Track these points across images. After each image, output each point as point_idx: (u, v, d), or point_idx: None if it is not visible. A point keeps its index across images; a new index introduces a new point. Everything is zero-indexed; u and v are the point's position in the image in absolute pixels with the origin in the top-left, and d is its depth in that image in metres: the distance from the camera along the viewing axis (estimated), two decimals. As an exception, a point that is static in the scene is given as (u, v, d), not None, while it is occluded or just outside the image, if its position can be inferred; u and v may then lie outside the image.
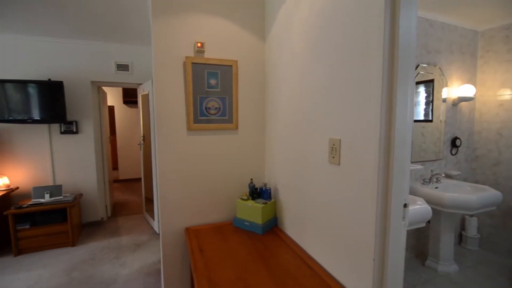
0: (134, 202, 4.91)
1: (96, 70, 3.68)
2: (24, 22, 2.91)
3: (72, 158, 3.66)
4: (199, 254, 1.44)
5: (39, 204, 3.07)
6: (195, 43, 1.71)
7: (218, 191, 1.87)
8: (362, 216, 0.99)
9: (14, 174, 3.43)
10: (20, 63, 3.37)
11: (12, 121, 3.20)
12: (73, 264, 2.80)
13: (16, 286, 2.43)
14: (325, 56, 1.19)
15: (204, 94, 1.75)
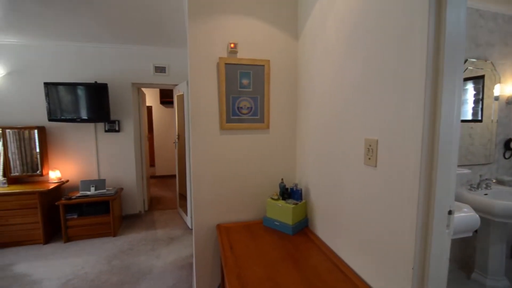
0: (169, 198, 5.14)
1: (136, 73, 3.92)
2: (74, 30, 3.19)
3: (114, 154, 3.94)
4: (229, 251, 1.46)
5: (85, 196, 3.35)
6: (228, 44, 1.74)
7: (248, 189, 1.89)
8: (401, 222, 0.93)
9: (65, 168, 3.78)
10: (70, 67, 3.70)
11: (63, 120, 3.53)
12: (113, 253, 3.02)
13: (65, 270, 2.68)
14: (361, 51, 1.14)
15: (236, 94, 1.78)
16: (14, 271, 2.67)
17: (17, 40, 3.50)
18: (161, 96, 6.50)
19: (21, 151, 3.52)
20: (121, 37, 3.47)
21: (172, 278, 2.52)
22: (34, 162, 3.56)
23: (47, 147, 3.70)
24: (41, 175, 3.57)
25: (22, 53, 3.57)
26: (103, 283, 2.45)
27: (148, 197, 4.59)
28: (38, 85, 3.56)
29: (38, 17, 2.78)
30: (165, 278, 2.53)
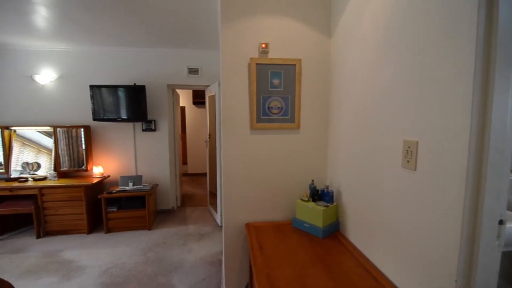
0: (200, 195, 5.31)
1: (171, 74, 4.10)
2: (115, 37, 3.43)
3: (150, 152, 4.16)
4: (258, 250, 1.47)
5: (124, 191, 3.59)
6: (260, 44, 1.75)
7: (278, 189, 1.88)
8: (443, 230, 0.87)
9: (106, 164, 4.08)
10: (112, 71, 3.98)
11: (106, 120, 3.81)
12: (148, 245, 3.19)
13: (105, 259, 2.89)
14: (400, 46, 1.08)
15: (267, 94, 1.78)
16: (62, 257, 2.93)
17: (66, 47, 3.85)
18: (193, 96, 6.73)
19: (69, 148, 3.86)
20: (158, 41, 3.65)
21: (203, 273, 2.60)
22: (80, 158, 3.88)
23: (92, 145, 4.01)
24: (86, 170, 3.89)
25: (71, 59, 3.91)
26: (139, 273, 2.60)
27: (180, 193, 4.78)
28: (84, 88, 3.87)
29: (85, 25, 3.03)
30: (195, 272, 2.62)
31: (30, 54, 3.82)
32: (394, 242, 1.14)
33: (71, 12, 2.68)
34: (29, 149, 3.84)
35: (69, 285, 2.43)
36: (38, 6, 2.55)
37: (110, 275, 2.58)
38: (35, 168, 3.79)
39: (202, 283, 2.45)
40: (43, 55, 3.85)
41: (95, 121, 3.81)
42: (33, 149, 3.85)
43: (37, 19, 2.87)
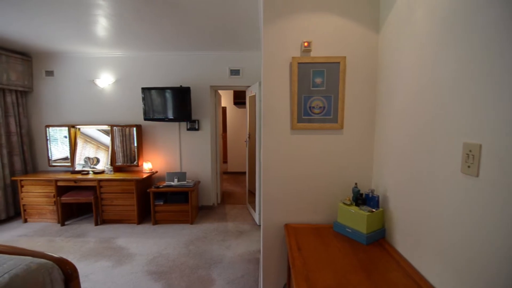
0: (239, 193, 5.42)
1: (214, 76, 4.25)
2: (163, 42, 3.66)
3: (194, 150, 4.37)
4: (297, 252, 1.45)
5: (170, 186, 3.82)
6: (302, 42, 1.72)
7: (318, 192, 1.83)
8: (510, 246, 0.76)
9: (155, 161, 4.38)
10: (160, 74, 4.26)
11: (155, 120, 4.09)
12: (190, 239, 3.35)
13: (152, 248, 3.11)
14: (461, 39, 0.97)
15: (308, 93, 1.74)
16: (116, 244, 3.23)
17: (122, 53, 4.22)
18: (234, 97, 6.90)
19: (123, 145, 4.23)
20: (201, 45, 3.82)
21: (241, 270, 2.65)
22: (132, 155, 4.24)
23: (142, 142, 4.35)
24: (137, 166, 4.23)
25: (125, 64, 4.28)
26: (181, 264, 2.75)
27: (220, 191, 4.93)
28: (136, 90, 4.22)
29: (137, 33, 3.29)
30: (234, 268, 2.68)
31: (92, 60, 4.28)
32: (451, 257, 1.03)
33: (127, 21, 2.93)
34: (90, 145, 4.31)
35: (121, 270, 2.66)
36: (100, 17, 2.84)
37: (156, 264, 2.77)
38: (95, 162, 4.24)
39: (240, 279, 2.50)
40: (103, 61, 4.28)
41: (146, 120, 4.12)
42: (93, 145, 4.31)
43: (98, 29, 3.20)
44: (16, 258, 1.69)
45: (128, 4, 2.52)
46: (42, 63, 4.33)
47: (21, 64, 4.14)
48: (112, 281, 2.48)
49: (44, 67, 4.34)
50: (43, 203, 3.88)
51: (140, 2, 2.47)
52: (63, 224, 3.84)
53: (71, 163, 4.24)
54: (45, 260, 1.72)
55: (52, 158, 4.30)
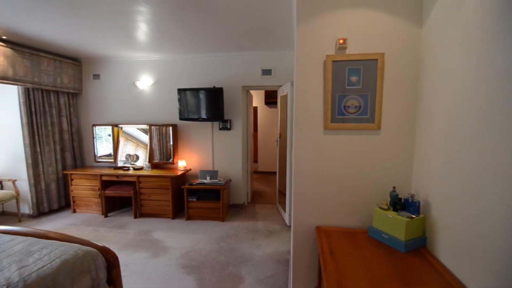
0: (269, 193, 5.42)
1: (246, 76, 4.29)
2: (198, 44, 3.78)
3: (225, 150, 4.46)
4: (329, 256, 1.41)
5: (203, 184, 3.94)
6: (337, 40, 1.67)
7: (353, 194, 1.76)
8: None
9: (189, 159, 4.55)
10: (195, 75, 4.42)
11: (189, 119, 4.25)
12: (221, 236, 3.42)
13: (185, 243, 3.23)
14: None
15: (343, 92, 1.69)
16: (152, 236, 3.41)
17: (160, 57, 4.45)
18: (265, 97, 6.91)
19: (160, 143, 4.46)
20: (234, 46, 3.88)
21: (270, 270, 2.65)
22: (168, 153, 4.44)
23: (178, 141, 4.54)
24: (172, 163, 4.43)
25: (163, 66, 4.50)
26: (212, 260, 2.82)
27: (251, 190, 4.97)
28: (173, 91, 4.41)
29: (174, 37, 3.43)
30: (263, 267, 2.69)
31: (133, 64, 4.57)
32: (505, 271, 0.92)
33: (164, 26, 3.08)
34: (131, 143, 4.60)
35: (156, 261, 2.81)
36: (140, 23, 3.01)
37: (189, 258, 2.87)
38: (134, 159, 4.52)
39: (269, 279, 2.50)
40: (143, 64, 4.55)
41: (181, 120, 4.29)
42: (133, 143, 4.59)
43: (139, 34, 3.40)
44: (66, 245, 1.86)
45: (166, 9, 2.64)
46: (90, 67, 4.73)
47: (72, 68, 4.56)
48: (149, 272, 2.62)
49: (92, 71, 4.73)
50: (89, 195, 4.23)
51: (177, 7, 2.57)
52: (106, 216, 4.16)
53: (114, 159, 4.57)
54: (91, 248, 1.88)
55: (97, 154, 4.68)
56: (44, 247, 1.81)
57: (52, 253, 1.73)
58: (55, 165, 4.38)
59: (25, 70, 3.76)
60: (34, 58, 3.88)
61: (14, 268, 1.56)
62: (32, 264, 1.60)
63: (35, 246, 1.82)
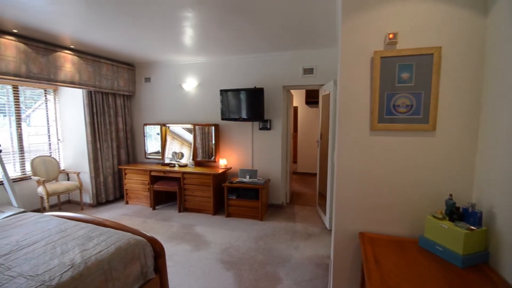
0: (308, 195, 5.31)
1: (287, 76, 4.26)
2: (240, 46, 3.85)
3: (265, 149, 4.49)
4: (374, 264, 1.32)
5: (242, 182, 4.01)
6: (386, 35, 1.57)
7: (401, 201, 1.64)
8: None
9: (229, 158, 4.67)
10: (236, 76, 4.51)
11: (230, 119, 4.36)
12: (259, 234, 3.45)
13: (225, 239, 3.32)
14: None
15: (392, 90, 1.58)
16: (195, 231, 3.58)
17: (204, 59, 4.64)
18: (306, 96, 6.78)
19: (203, 142, 4.65)
20: (276, 45, 3.87)
21: (309, 273, 2.59)
22: (210, 151, 4.62)
23: (219, 140, 4.69)
24: (214, 162, 4.59)
25: (207, 68, 4.69)
26: (250, 258, 2.86)
27: (290, 191, 4.92)
28: (215, 92, 4.57)
29: (217, 39, 3.55)
30: (301, 270, 2.64)
31: (180, 67, 4.84)
32: None
33: (208, 29, 3.20)
34: (176, 141, 4.88)
35: (198, 254, 2.94)
36: (187, 28, 3.17)
37: (228, 254, 2.95)
38: (180, 157, 4.79)
39: (308, 282, 2.44)
40: (188, 67, 4.79)
41: (223, 120, 4.43)
42: (179, 142, 4.87)
43: (185, 39, 3.58)
44: (120, 233, 2.04)
45: (210, 13, 2.74)
46: (142, 71, 5.13)
47: (127, 73, 5.00)
48: (191, 264, 2.75)
49: (144, 75, 5.13)
50: (140, 189, 4.59)
51: (221, 10, 2.65)
52: (154, 208, 4.47)
53: (162, 156, 4.90)
54: (141, 238, 2.03)
55: (147, 151, 5.06)
56: (102, 233, 2.01)
57: (108, 239, 1.92)
58: (112, 160, 4.85)
59: (88, 75, 4.23)
60: (95, 64, 4.35)
61: (77, 250, 1.76)
62: (91, 248, 1.79)
63: (94, 232, 2.03)
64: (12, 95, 4.01)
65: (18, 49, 3.30)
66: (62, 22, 2.97)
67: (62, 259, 1.65)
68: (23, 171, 4.19)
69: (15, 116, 4.04)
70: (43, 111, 4.55)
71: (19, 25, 3.03)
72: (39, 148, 4.48)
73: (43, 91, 4.50)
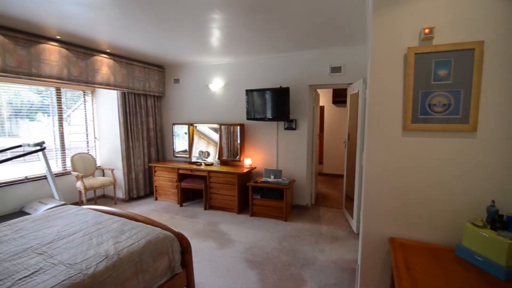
0: (334, 196, 5.18)
1: (313, 75, 4.19)
2: (266, 46, 3.85)
3: (290, 149, 4.45)
4: (405, 271, 1.26)
5: (267, 182, 4.01)
6: (421, 30, 1.48)
7: (436, 206, 1.54)
8: None
9: (254, 157, 4.70)
10: (262, 76, 4.52)
11: (255, 119, 4.38)
12: (283, 235, 3.42)
13: (249, 238, 3.34)
14: None
15: (428, 88, 1.49)
16: (219, 228, 3.64)
17: (230, 60, 4.70)
18: (333, 95, 6.62)
19: (228, 141, 4.72)
20: (302, 44, 3.82)
21: (334, 277, 2.53)
22: (235, 150, 4.67)
23: (244, 140, 4.74)
24: (239, 161, 4.64)
25: (233, 69, 4.75)
26: (274, 258, 2.85)
27: (315, 192, 4.84)
28: (241, 92, 4.61)
29: (243, 40, 3.58)
30: (327, 273, 2.58)
31: (207, 68, 4.96)
32: None
33: (235, 30, 3.24)
34: (203, 141, 5.00)
35: (223, 252, 2.99)
36: (214, 29, 3.24)
37: (252, 253, 2.96)
38: (206, 155, 4.90)
39: (333, 287, 2.38)
40: (215, 68, 4.89)
41: (248, 120, 4.46)
42: (205, 141, 4.98)
43: (212, 40, 3.66)
44: (150, 227, 2.13)
45: (237, 14, 2.77)
46: (172, 73, 5.32)
47: (157, 74, 5.21)
48: (216, 260, 2.81)
49: (173, 76, 5.32)
50: (168, 186, 4.77)
51: (248, 10, 2.67)
52: (181, 205, 4.62)
53: (189, 155, 5.05)
54: (169, 233, 2.11)
55: (175, 150, 5.24)
56: (133, 227, 2.12)
57: (139, 233, 2.01)
58: (143, 158, 5.09)
59: (122, 77, 4.47)
60: (129, 67, 4.59)
61: (111, 242, 1.87)
62: (124, 241, 1.89)
63: (126, 226, 2.14)
64: (55, 96, 4.35)
65: (61, 54, 3.58)
66: (99, 27, 3.17)
67: (97, 250, 1.76)
68: (64, 167, 4.54)
69: (57, 116, 4.39)
70: (81, 111, 4.89)
71: (62, 31, 3.28)
72: (78, 146, 4.82)
73: (82, 92, 4.83)
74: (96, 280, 1.49)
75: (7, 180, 3.77)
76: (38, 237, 1.96)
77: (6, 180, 3.76)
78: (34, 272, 1.50)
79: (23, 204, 3.85)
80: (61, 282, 1.40)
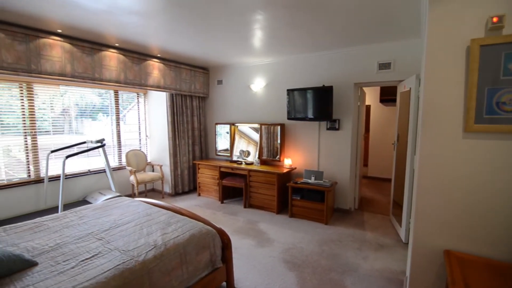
0: (380, 202, 4.87)
1: (359, 72, 3.98)
2: (308, 44, 3.77)
3: (332, 151, 4.30)
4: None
5: (307, 183, 3.93)
6: (489, 18, 1.31)
7: (502, 217, 1.35)
8: None
9: (294, 158, 4.64)
10: (304, 75, 4.44)
11: (296, 119, 4.32)
12: (324, 239, 3.32)
13: (288, 239, 3.31)
14: None
15: (495, 84, 1.31)
16: (258, 227, 3.68)
17: (271, 60, 4.71)
18: (381, 94, 6.22)
19: (268, 141, 4.73)
20: (346, 41, 3.66)
21: (378, 287, 2.37)
22: (275, 150, 4.67)
23: (284, 140, 4.71)
24: (279, 161, 4.62)
25: (274, 69, 4.75)
26: (314, 262, 2.78)
27: (358, 196, 4.60)
28: (282, 92, 4.59)
29: (285, 39, 3.55)
30: (370, 282, 2.44)
31: (248, 69, 5.04)
32: None
33: (277, 30, 3.23)
34: (243, 140, 5.10)
35: (262, 251, 3.01)
36: (256, 30, 3.27)
37: (290, 254, 2.93)
38: (246, 155, 4.98)
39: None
40: (257, 68, 4.94)
41: (288, 120, 4.43)
42: (245, 140, 5.07)
43: (254, 41, 3.70)
44: (194, 222, 2.24)
45: (279, 14, 2.76)
46: (215, 74, 5.53)
47: (202, 76, 5.46)
48: (254, 258, 2.84)
49: (216, 77, 5.52)
50: (210, 183, 4.97)
51: (291, 9, 2.64)
52: (222, 202, 4.77)
53: (230, 154, 5.19)
54: (211, 228, 2.19)
55: (218, 148, 5.43)
56: (179, 220, 2.25)
57: (184, 226, 2.13)
58: (188, 156, 5.38)
59: (171, 79, 4.78)
60: (177, 69, 4.89)
61: (159, 233, 2.01)
62: (170, 233, 2.02)
63: (173, 219, 2.28)
64: (114, 98, 4.83)
65: (119, 59, 3.96)
66: (151, 34, 3.43)
67: (147, 239, 1.90)
68: (119, 162, 5.02)
69: (115, 116, 4.87)
70: (135, 111, 5.35)
71: (119, 39, 3.63)
72: (131, 143, 5.29)
73: (135, 94, 5.28)
74: (145, 267, 1.62)
75: (74, 172, 4.30)
76: (98, 224, 2.19)
77: (73, 172, 4.29)
78: (94, 255, 1.68)
79: (86, 194, 4.36)
80: (116, 266, 1.55)
